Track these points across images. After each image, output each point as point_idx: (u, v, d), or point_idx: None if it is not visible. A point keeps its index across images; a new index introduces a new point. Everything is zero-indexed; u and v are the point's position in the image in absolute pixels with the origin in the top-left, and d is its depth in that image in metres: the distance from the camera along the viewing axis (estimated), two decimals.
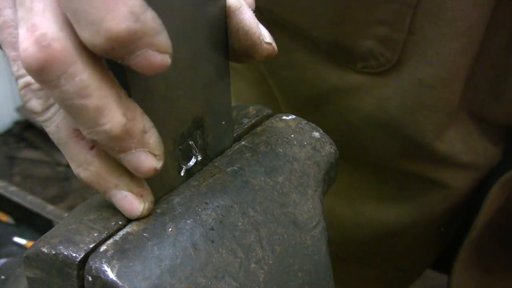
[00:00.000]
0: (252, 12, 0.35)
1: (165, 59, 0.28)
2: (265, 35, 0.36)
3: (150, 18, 0.27)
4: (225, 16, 0.35)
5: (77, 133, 0.32)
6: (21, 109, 2.69)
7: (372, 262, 0.81)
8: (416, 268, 0.82)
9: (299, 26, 0.59)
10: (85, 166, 0.32)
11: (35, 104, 0.32)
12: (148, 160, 0.31)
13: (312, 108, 0.66)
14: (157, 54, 0.28)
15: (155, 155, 0.31)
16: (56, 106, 0.32)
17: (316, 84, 0.63)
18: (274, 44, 0.36)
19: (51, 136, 0.32)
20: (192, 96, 0.35)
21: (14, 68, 0.32)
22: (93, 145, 0.32)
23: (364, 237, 0.75)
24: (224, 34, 0.35)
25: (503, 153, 0.69)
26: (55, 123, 0.32)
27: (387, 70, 0.59)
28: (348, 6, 0.55)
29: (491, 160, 0.68)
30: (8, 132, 2.74)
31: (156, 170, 0.31)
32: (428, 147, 0.64)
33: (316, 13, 0.57)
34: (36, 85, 0.32)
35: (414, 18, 0.54)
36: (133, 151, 0.30)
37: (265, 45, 0.36)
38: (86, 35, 0.27)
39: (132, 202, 0.32)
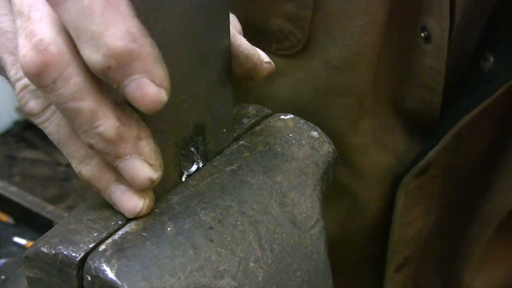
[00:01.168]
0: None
1: (160, 93, 0.28)
2: (263, 55, 0.37)
3: (148, 43, 0.27)
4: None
5: None
6: (21, 109, 2.69)
7: None
8: None
9: None
10: (87, 161, 0.32)
11: (33, 104, 0.32)
12: (143, 168, 0.31)
13: (235, 96, 0.66)
14: (152, 85, 0.28)
15: (150, 165, 0.31)
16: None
17: None
18: (272, 63, 0.37)
19: (50, 136, 0.32)
20: (195, 101, 0.36)
21: (12, 72, 0.32)
22: None
23: None
24: (228, 42, 0.36)
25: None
26: (55, 122, 0.32)
27: (299, 51, 0.58)
28: None
29: (401, 159, 0.64)
30: (8, 132, 2.74)
31: (152, 181, 0.31)
32: (342, 139, 0.61)
33: None
34: (33, 86, 0.32)
35: None
36: (128, 157, 0.30)
37: (265, 65, 0.36)
38: (86, 52, 0.27)
39: (132, 198, 0.32)
